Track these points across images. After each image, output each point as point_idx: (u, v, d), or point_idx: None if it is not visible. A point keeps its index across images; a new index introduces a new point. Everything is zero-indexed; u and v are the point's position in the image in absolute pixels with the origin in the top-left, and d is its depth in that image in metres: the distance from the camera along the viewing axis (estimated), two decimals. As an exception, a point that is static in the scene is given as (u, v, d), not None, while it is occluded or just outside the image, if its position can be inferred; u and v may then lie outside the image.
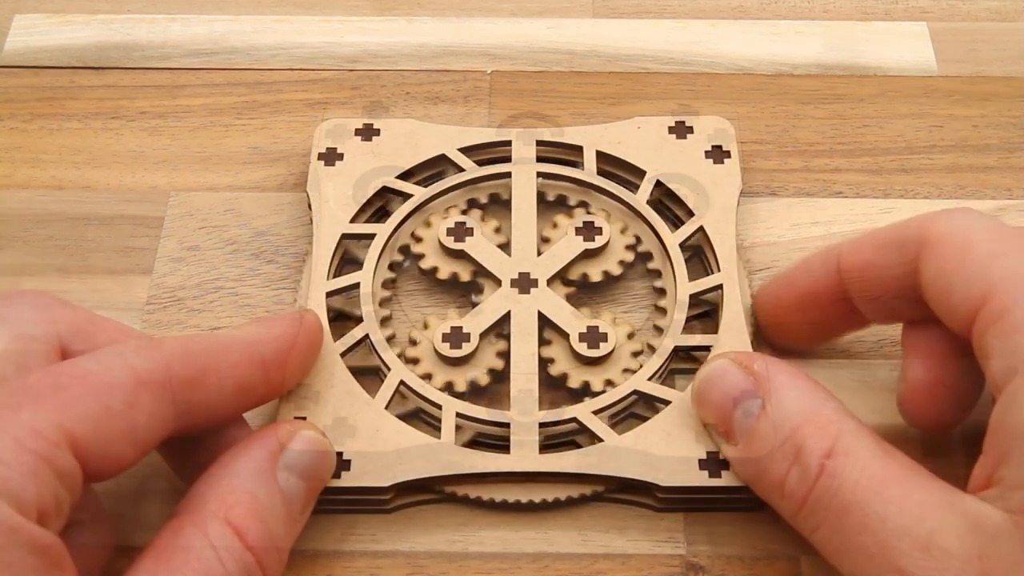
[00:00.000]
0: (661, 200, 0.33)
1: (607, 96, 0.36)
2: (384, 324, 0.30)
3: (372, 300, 0.30)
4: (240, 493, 0.23)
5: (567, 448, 0.28)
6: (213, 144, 0.35)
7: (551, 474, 0.27)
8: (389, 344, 0.29)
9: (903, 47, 0.38)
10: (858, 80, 0.37)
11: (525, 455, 0.27)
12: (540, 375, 0.29)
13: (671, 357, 0.29)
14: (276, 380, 0.26)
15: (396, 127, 0.33)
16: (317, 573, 0.27)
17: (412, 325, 0.31)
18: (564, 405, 0.29)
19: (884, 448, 0.24)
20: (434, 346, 0.29)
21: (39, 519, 0.20)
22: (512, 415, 0.28)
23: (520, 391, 0.28)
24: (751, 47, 0.38)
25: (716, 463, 0.27)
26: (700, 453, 0.27)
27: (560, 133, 0.33)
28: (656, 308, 0.31)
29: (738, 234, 0.32)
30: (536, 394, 0.28)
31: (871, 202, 0.34)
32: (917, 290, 0.25)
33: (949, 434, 0.28)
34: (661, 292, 0.31)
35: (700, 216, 0.31)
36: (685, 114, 0.34)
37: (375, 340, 0.29)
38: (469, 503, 0.28)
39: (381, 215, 0.33)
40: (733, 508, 0.27)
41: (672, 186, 0.32)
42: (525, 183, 0.32)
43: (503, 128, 0.34)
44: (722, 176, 0.32)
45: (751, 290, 0.31)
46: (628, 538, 0.27)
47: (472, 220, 0.32)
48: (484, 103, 0.36)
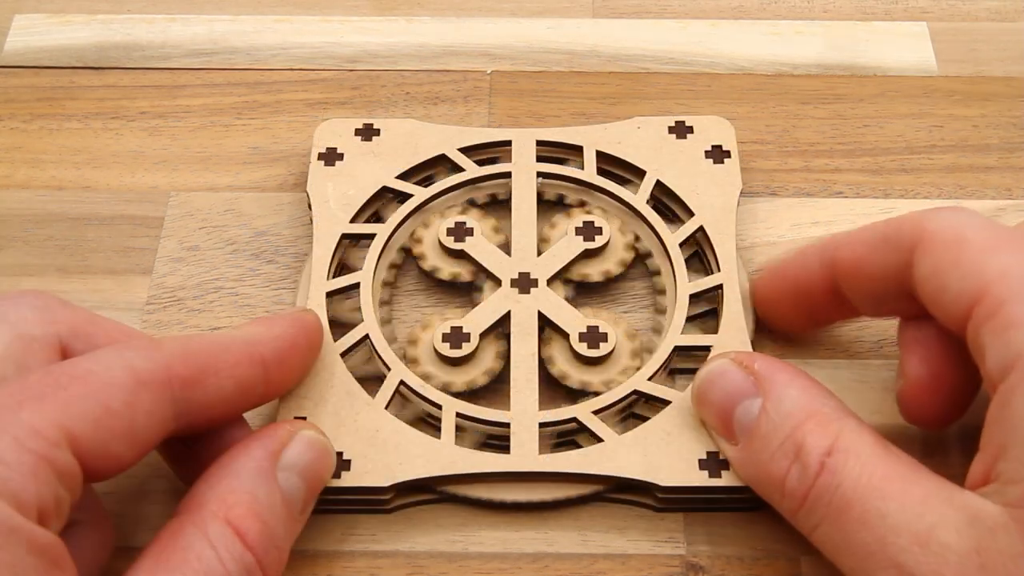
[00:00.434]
0: (661, 200, 0.33)
1: (607, 96, 0.36)
2: (384, 324, 0.30)
3: (372, 300, 0.30)
4: (240, 493, 0.23)
5: (567, 448, 0.28)
6: (213, 144, 0.35)
7: (551, 474, 0.27)
8: (389, 344, 0.29)
9: (903, 47, 0.38)
10: (858, 80, 0.37)
11: (525, 455, 0.27)
12: (540, 375, 0.29)
13: (671, 357, 0.29)
14: (276, 380, 0.26)
15: (396, 127, 0.33)
16: (317, 573, 0.27)
17: (412, 325, 0.31)
18: (564, 405, 0.29)
19: (884, 446, 0.24)
20: (434, 346, 0.29)
21: (39, 519, 0.20)
22: (512, 415, 0.28)
23: (520, 391, 0.28)
24: (751, 47, 0.38)
25: (716, 463, 0.27)
26: (700, 453, 0.27)
27: (560, 133, 0.33)
28: (656, 308, 0.31)
29: (738, 234, 0.32)
30: (536, 394, 0.28)
31: (871, 202, 0.34)
32: (910, 287, 0.25)
33: (947, 432, 0.28)
34: (661, 292, 0.31)
35: (700, 216, 0.31)
36: (685, 114, 0.34)
37: (375, 340, 0.29)
38: (469, 503, 0.28)
39: (381, 215, 0.33)
40: (733, 508, 0.27)
41: (672, 186, 0.32)
42: (525, 183, 0.32)
43: (503, 128, 0.34)
44: (722, 176, 0.32)
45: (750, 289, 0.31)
46: (628, 538, 0.27)
47: (472, 220, 0.32)
48: (484, 103, 0.36)
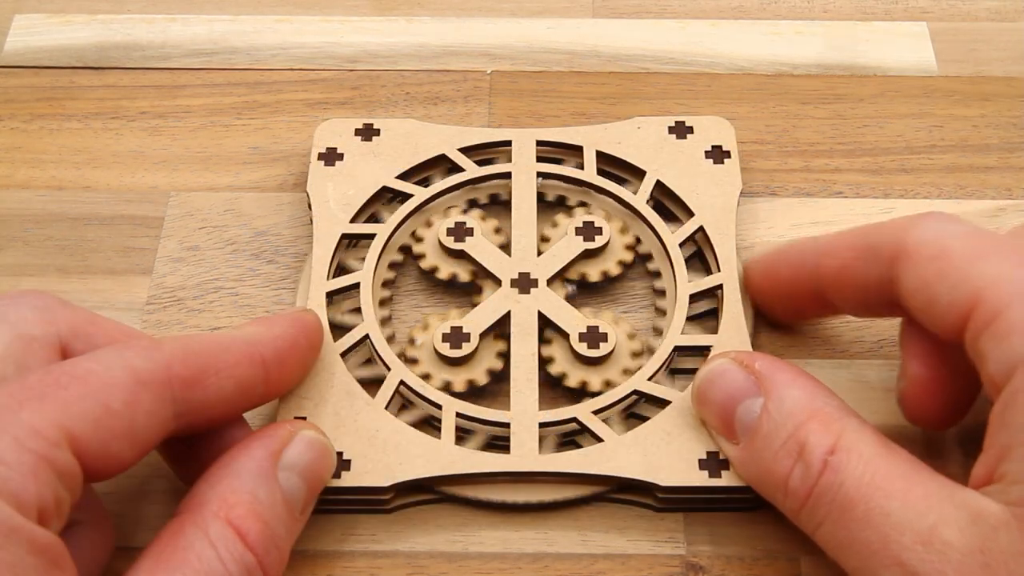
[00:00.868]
0: (661, 200, 0.33)
1: (607, 96, 0.36)
2: (384, 324, 0.30)
3: (372, 300, 0.30)
4: (241, 493, 0.23)
5: (567, 448, 0.28)
6: (213, 144, 0.35)
7: (551, 474, 0.27)
8: (389, 344, 0.29)
9: (903, 47, 0.38)
10: (858, 80, 0.37)
11: (525, 455, 0.27)
12: (540, 375, 0.29)
13: (671, 357, 0.29)
14: (276, 380, 0.26)
15: (396, 127, 0.33)
16: (317, 573, 0.27)
17: (412, 325, 0.31)
18: (564, 405, 0.29)
19: (886, 444, 0.24)
20: (434, 346, 0.29)
21: (39, 519, 0.20)
22: (512, 415, 0.28)
23: (520, 391, 0.28)
24: (751, 47, 0.38)
25: (716, 463, 0.27)
26: (700, 453, 0.27)
27: (560, 133, 0.33)
28: (656, 308, 0.31)
29: (738, 234, 0.32)
30: (536, 394, 0.28)
31: (871, 202, 0.34)
32: (894, 297, 0.25)
33: (948, 433, 0.28)
34: (661, 292, 0.31)
35: (700, 216, 0.31)
36: (685, 114, 0.34)
37: (375, 340, 0.29)
38: (469, 503, 0.28)
39: (381, 215, 0.33)
40: (733, 508, 0.27)
41: (672, 186, 0.32)
42: (525, 183, 0.32)
43: (503, 128, 0.34)
44: (722, 176, 0.32)
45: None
46: (628, 538, 0.27)
47: (472, 220, 0.32)
48: (484, 103, 0.36)
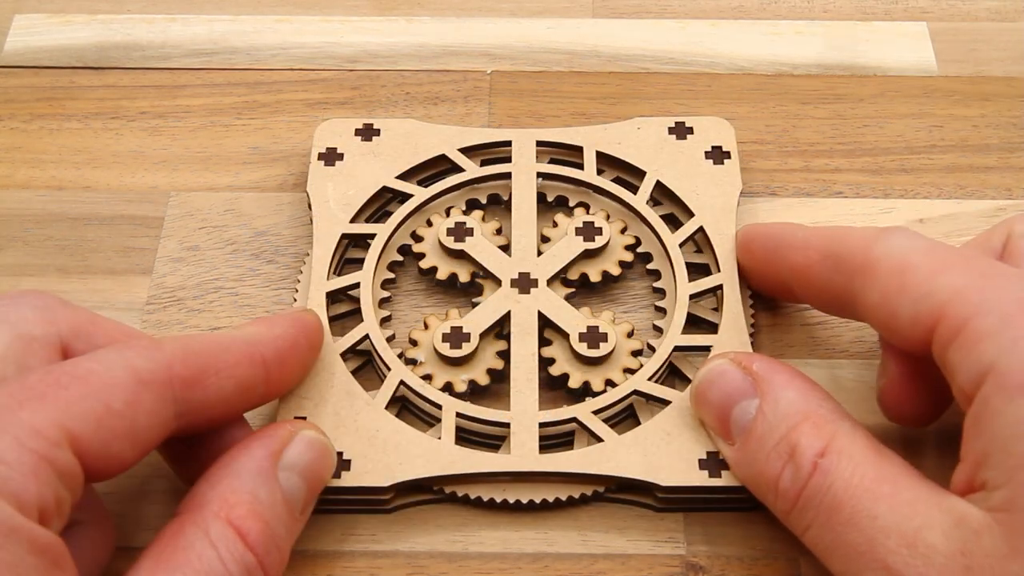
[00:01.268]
0: (661, 200, 0.33)
1: (607, 96, 0.36)
2: (384, 324, 0.30)
3: (372, 300, 0.30)
4: (241, 493, 0.23)
5: (567, 448, 0.28)
6: (213, 144, 0.35)
7: (551, 474, 0.27)
8: (389, 344, 0.29)
9: (903, 47, 0.38)
10: (858, 80, 0.37)
11: (525, 455, 0.27)
12: (540, 375, 0.29)
13: (671, 357, 0.29)
14: (277, 380, 0.26)
15: (396, 127, 0.33)
16: (317, 573, 0.27)
17: (412, 325, 0.31)
18: (564, 405, 0.29)
19: (877, 448, 0.24)
20: (434, 346, 0.29)
21: (40, 519, 0.20)
22: (512, 415, 0.28)
23: (520, 391, 0.28)
24: (751, 47, 0.38)
25: (716, 463, 0.27)
26: (700, 453, 0.27)
27: (560, 133, 0.33)
28: (656, 308, 0.31)
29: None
30: (536, 394, 0.28)
31: (871, 202, 0.34)
32: (854, 307, 0.26)
33: (945, 433, 0.28)
34: (661, 292, 0.31)
35: (700, 216, 0.31)
36: (685, 114, 0.34)
37: (375, 340, 0.29)
38: (469, 503, 0.28)
39: (381, 215, 0.33)
40: (733, 508, 0.27)
41: (672, 187, 0.32)
42: (525, 183, 0.32)
43: (503, 128, 0.34)
44: (722, 176, 0.32)
45: (749, 291, 0.31)
46: (628, 538, 0.27)
47: (472, 220, 0.32)
48: (484, 103, 0.36)
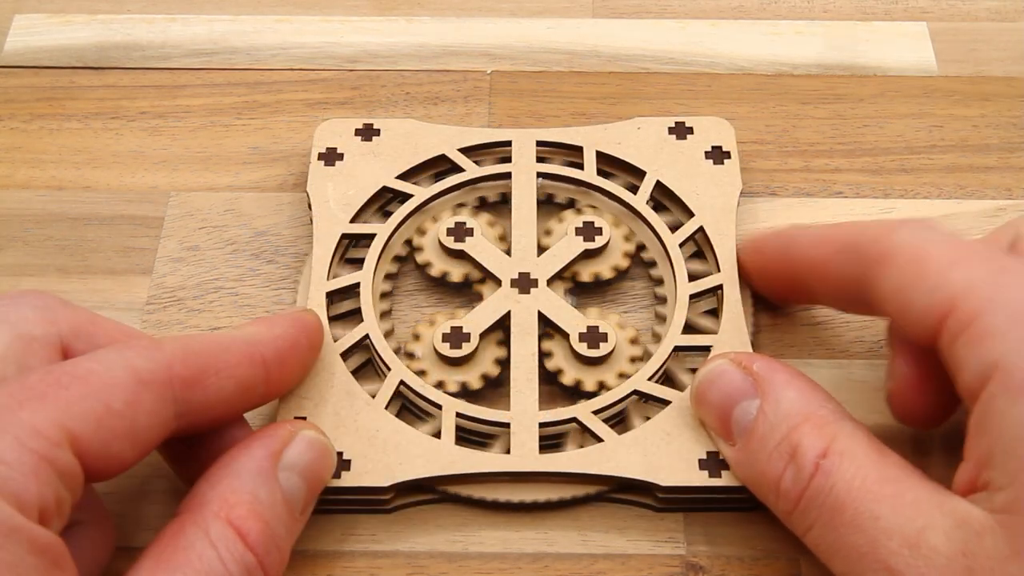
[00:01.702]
0: (661, 200, 0.33)
1: (607, 96, 0.36)
2: (384, 324, 0.30)
3: (372, 300, 0.30)
4: (242, 493, 0.23)
5: (567, 448, 0.28)
6: (213, 144, 0.35)
7: (551, 474, 0.27)
8: (389, 344, 0.29)
9: (903, 47, 0.38)
10: (858, 80, 0.37)
11: (525, 455, 0.27)
12: (540, 375, 0.29)
13: (671, 357, 0.29)
14: (277, 380, 0.26)
15: (396, 127, 0.33)
16: (317, 573, 0.27)
17: (412, 325, 0.31)
18: (564, 405, 0.29)
19: (879, 449, 0.24)
20: (434, 346, 0.29)
21: (40, 519, 0.20)
22: (512, 415, 0.28)
23: (520, 391, 0.28)
24: (751, 47, 0.38)
25: (716, 463, 0.27)
26: (700, 453, 0.27)
27: (560, 133, 0.33)
28: (656, 308, 0.31)
29: (738, 234, 0.32)
30: (536, 394, 0.28)
31: (871, 202, 0.34)
32: (871, 299, 0.25)
33: (946, 433, 0.28)
34: (661, 293, 0.31)
35: (700, 216, 0.31)
36: (685, 114, 0.34)
37: (375, 340, 0.29)
38: (469, 503, 0.28)
39: (381, 215, 0.33)
40: (733, 508, 0.27)
41: (672, 187, 0.32)
42: (525, 183, 0.32)
43: (503, 128, 0.34)
44: (722, 176, 0.32)
45: (750, 291, 0.31)
46: (628, 538, 0.27)
47: (472, 220, 0.32)
48: (484, 103, 0.36)
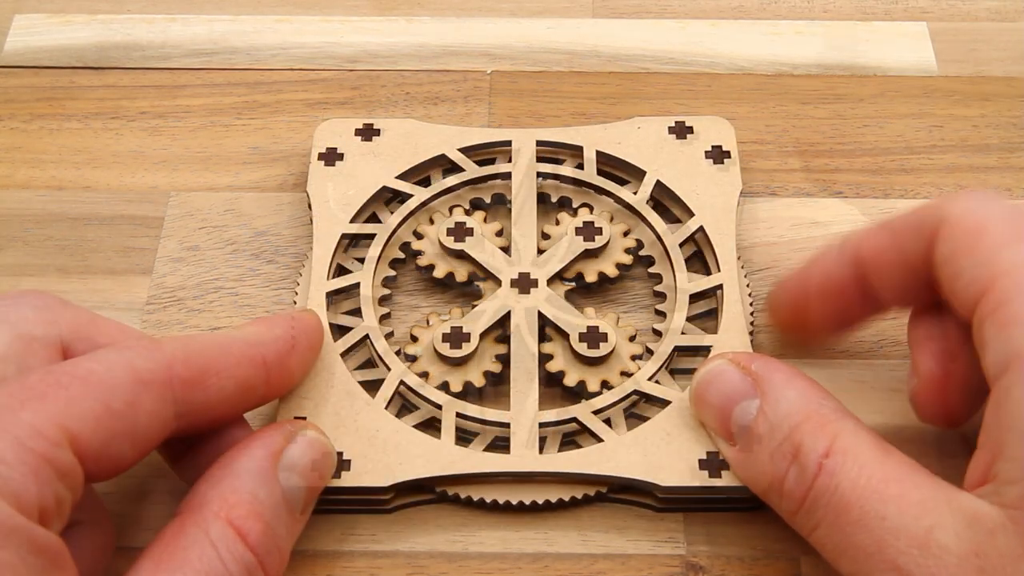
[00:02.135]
0: (661, 200, 0.33)
1: (607, 96, 0.36)
2: (384, 323, 0.30)
3: (372, 300, 0.30)
4: (242, 493, 0.23)
5: (567, 448, 0.28)
6: (213, 144, 0.35)
7: (551, 474, 0.27)
8: (389, 344, 0.29)
9: (903, 47, 0.38)
10: (858, 80, 0.37)
11: (525, 455, 0.27)
12: (540, 375, 0.29)
13: (671, 357, 0.29)
14: (277, 380, 0.26)
15: (396, 127, 0.34)
16: (317, 573, 0.27)
17: (412, 325, 0.31)
18: (564, 405, 0.29)
19: (882, 447, 0.24)
20: (434, 346, 0.29)
21: (40, 519, 0.20)
22: (512, 415, 0.28)
23: (520, 391, 0.28)
24: (751, 47, 0.38)
25: (716, 463, 0.27)
26: (700, 453, 0.27)
27: (560, 133, 0.33)
28: (656, 308, 0.31)
29: (738, 234, 0.32)
30: (536, 394, 0.28)
31: (871, 202, 0.34)
32: (929, 268, 0.25)
33: (950, 431, 0.28)
34: (661, 292, 0.31)
35: (700, 216, 0.31)
36: (685, 114, 0.34)
37: (375, 340, 0.29)
38: (469, 503, 0.28)
39: (381, 215, 0.33)
40: (733, 508, 0.27)
41: (672, 186, 0.32)
42: (525, 183, 0.32)
43: (503, 128, 0.34)
44: (722, 176, 0.32)
45: (749, 290, 0.31)
46: (628, 538, 0.27)
47: (472, 220, 0.32)
48: (484, 103, 0.36)
